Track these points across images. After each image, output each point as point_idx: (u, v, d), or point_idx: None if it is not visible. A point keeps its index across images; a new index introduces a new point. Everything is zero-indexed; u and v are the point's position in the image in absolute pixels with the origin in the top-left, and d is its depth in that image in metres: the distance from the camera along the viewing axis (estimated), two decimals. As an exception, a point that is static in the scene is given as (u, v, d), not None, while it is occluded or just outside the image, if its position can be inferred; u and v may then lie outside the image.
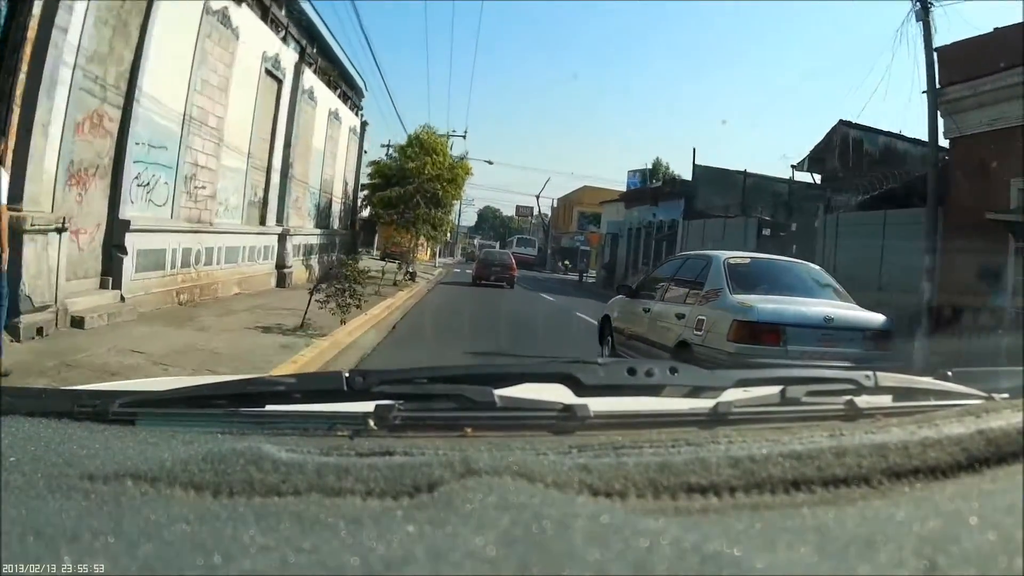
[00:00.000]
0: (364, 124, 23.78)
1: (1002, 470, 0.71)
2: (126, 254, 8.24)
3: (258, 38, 12.33)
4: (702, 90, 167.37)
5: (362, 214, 24.47)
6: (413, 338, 9.92)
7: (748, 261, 6.47)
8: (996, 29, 10.99)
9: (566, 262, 44.34)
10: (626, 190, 36.51)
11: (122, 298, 8.11)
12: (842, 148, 17.71)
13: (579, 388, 0.91)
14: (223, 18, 10.45)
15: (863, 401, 0.99)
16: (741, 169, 22.61)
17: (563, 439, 0.79)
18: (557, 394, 0.91)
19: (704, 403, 0.96)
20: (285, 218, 14.60)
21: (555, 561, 0.46)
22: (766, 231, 17.51)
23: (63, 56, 6.43)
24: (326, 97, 17.85)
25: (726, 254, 6.46)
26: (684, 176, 25.66)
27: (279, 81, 13.79)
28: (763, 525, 0.56)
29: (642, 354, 6.53)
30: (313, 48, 16.77)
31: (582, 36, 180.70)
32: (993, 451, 0.72)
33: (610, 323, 7.74)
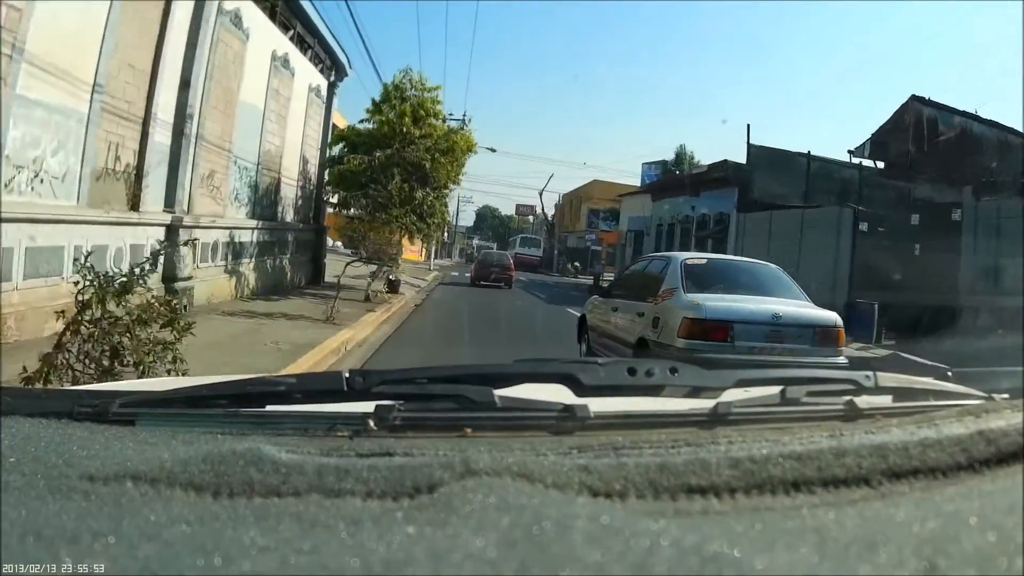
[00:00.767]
0: (333, 85, 17.03)
1: (1002, 470, 0.71)
2: None
3: None
4: (724, 79, 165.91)
5: (332, 200, 17.11)
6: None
7: (704, 262, 6.76)
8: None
9: (575, 264, 40.24)
10: (644, 182, 34.66)
11: None
12: (916, 129, 15.07)
13: (579, 388, 0.92)
14: None
15: (863, 401, 0.99)
16: (803, 151, 18.72)
17: (563, 439, 0.79)
18: (557, 394, 0.92)
19: (704, 403, 0.96)
20: (182, 200, 9.46)
21: (555, 562, 0.46)
22: (863, 226, 13.72)
23: None
24: (265, 30, 12.05)
25: (684, 255, 6.85)
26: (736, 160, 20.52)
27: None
28: (763, 526, 0.57)
29: (610, 351, 6.77)
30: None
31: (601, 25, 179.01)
32: (993, 451, 0.73)
33: (587, 322, 8.00)
